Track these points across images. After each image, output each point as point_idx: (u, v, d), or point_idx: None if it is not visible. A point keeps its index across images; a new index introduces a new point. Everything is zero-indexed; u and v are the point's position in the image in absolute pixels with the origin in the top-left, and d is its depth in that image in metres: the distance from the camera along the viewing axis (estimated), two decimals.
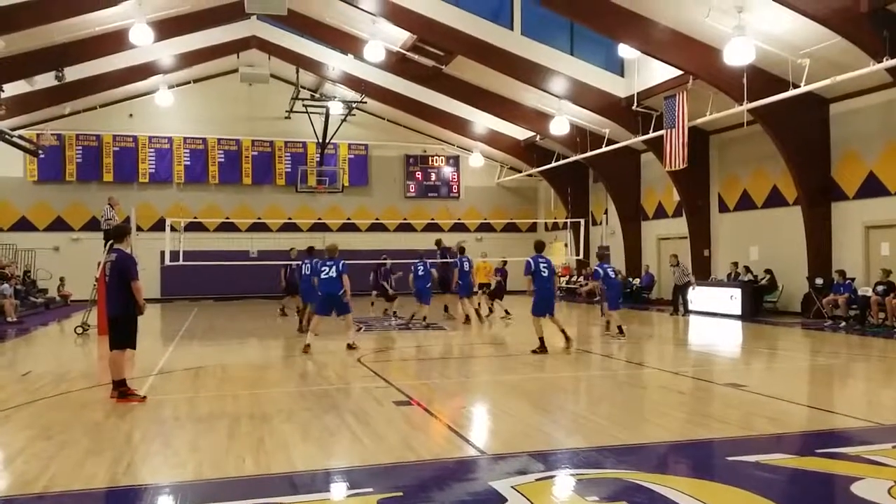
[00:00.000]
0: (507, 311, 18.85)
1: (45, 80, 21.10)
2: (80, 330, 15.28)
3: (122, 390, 7.97)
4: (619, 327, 13.87)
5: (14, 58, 18.85)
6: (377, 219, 29.61)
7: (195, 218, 25.62)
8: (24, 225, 26.56)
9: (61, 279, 25.28)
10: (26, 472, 5.34)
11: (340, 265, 11.98)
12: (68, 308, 23.10)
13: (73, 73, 21.18)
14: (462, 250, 18.13)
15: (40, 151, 24.51)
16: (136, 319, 8.25)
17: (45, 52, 19.44)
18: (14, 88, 20.60)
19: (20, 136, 23.15)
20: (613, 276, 14.37)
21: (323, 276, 12.02)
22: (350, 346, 12.07)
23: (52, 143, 25.59)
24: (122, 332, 8.14)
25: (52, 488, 4.98)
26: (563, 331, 12.09)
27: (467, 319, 17.37)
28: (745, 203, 20.58)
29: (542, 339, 11.75)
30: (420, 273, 17.22)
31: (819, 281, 17.36)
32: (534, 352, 11.63)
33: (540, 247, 12.44)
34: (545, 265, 11.91)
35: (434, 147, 31.07)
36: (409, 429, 6.74)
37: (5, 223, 26.38)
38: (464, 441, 6.42)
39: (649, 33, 16.76)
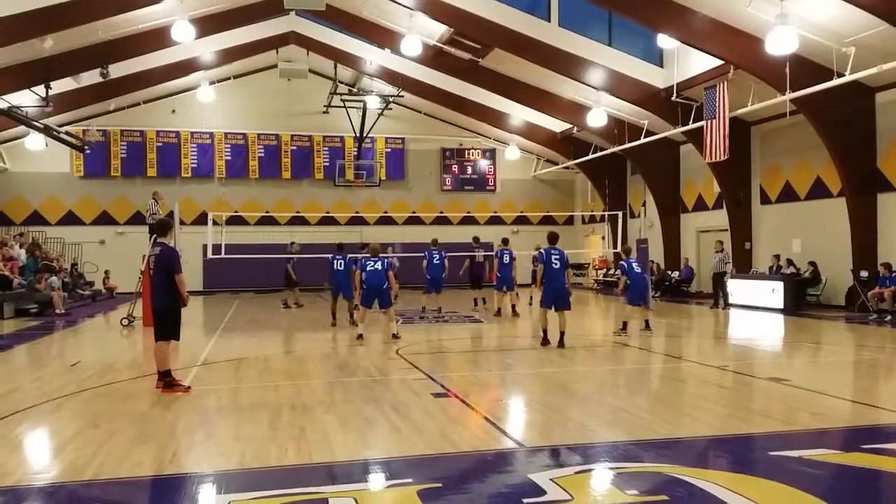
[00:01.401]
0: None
1: (91, 78, 21.58)
2: (125, 322, 15.64)
3: (167, 381, 8.15)
4: (624, 323, 13.32)
5: (61, 56, 19.35)
6: (414, 212, 29.70)
7: (236, 212, 26.00)
8: (71, 219, 27.25)
9: (107, 272, 25.88)
10: (76, 460, 5.50)
11: (386, 262, 12.76)
12: (114, 300, 23.65)
13: (118, 70, 21.65)
14: (505, 242, 18.03)
15: (86, 147, 25.11)
16: (179, 311, 8.43)
17: (90, 50, 19.90)
18: (61, 86, 21.11)
19: (67, 133, 23.76)
20: (640, 270, 13.64)
21: (369, 268, 12.60)
22: (395, 336, 12.57)
23: (97, 139, 26.19)
24: (166, 324, 8.32)
25: (101, 475, 5.13)
26: (562, 332, 11.63)
27: (498, 312, 17.35)
28: (788, 195, 20.20)
29: (545, 332, 11.78)
30: (435, 262, 17.41)
31: (864, 274, 16.98)
32: (542, 345, 11.66)
33: (553, 238, 12.05)
34: (557, 257, 11.62)
35: (470, 140, 31.05)
36: (447, 420, 6.79)
37: (53, 217, 27.09)
38: (501, 433, 6.44)
39: (689, 23, 16.50)
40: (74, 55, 19.82)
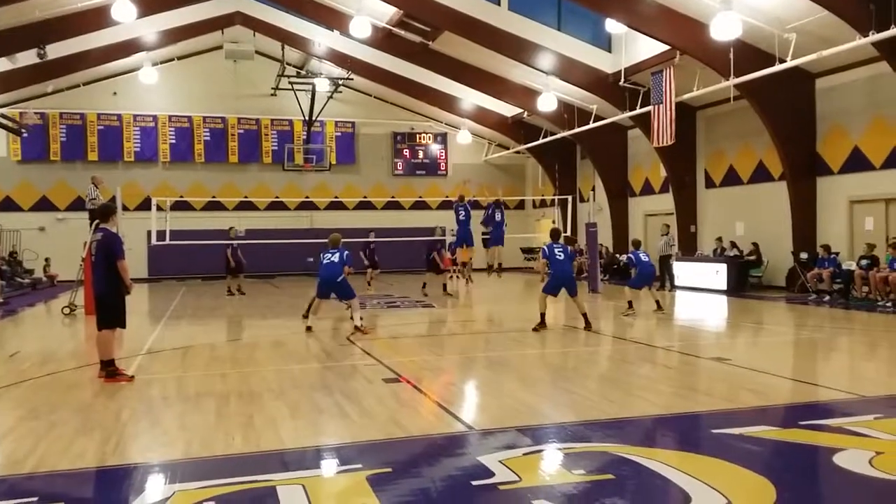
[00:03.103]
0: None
1: (27, 58, 20.76)
2: (66, 310, 15.22)
3: (110, 370, 7.95)
4: (630, 302, 14.07)
5: None
6: (365, 197, 29.54)
7: (181, 197, 25.46)
8: (8, 205, 26.31)
9: (47, 259, 25.13)
10: (15, 452, 5.34)
11: (345, 255, 12.03)
12: (55, 289, 22.98)
13: (56, 50, 20.82)
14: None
15: (24, 130, 24.21)
16: (123, 298, 8.22)
17: (26, 29, 19.11)
18: None
19: (3, 115, 22.82)
20: (646, 260, 14.59)
21: (325, 261, 11.99)
22: (358, 329, 11.72)
23: (35, 121, 25.29)
24: (110, 312, 8.11)
25: (42, 468, 4.99)
26: (584, 314, 11.75)
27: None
28: (732, 179, 20.66)
29: (543, 315, 11.62)
30: (461, 217, 17.10)
31: (804, 255, 17.50)
32: (535, 329, 11.45)
33: (555, 234, 12.23)
34: (560, 250, 11.73)
35: (422, 124, 30.93)
36: (398, 406, 6.79)
37: None
38: (452, 417, 6.46)
39: (636, 8, 16.69)
40: (9, 34, 19.02)
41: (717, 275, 18.72)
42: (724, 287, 18.33)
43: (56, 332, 13.48)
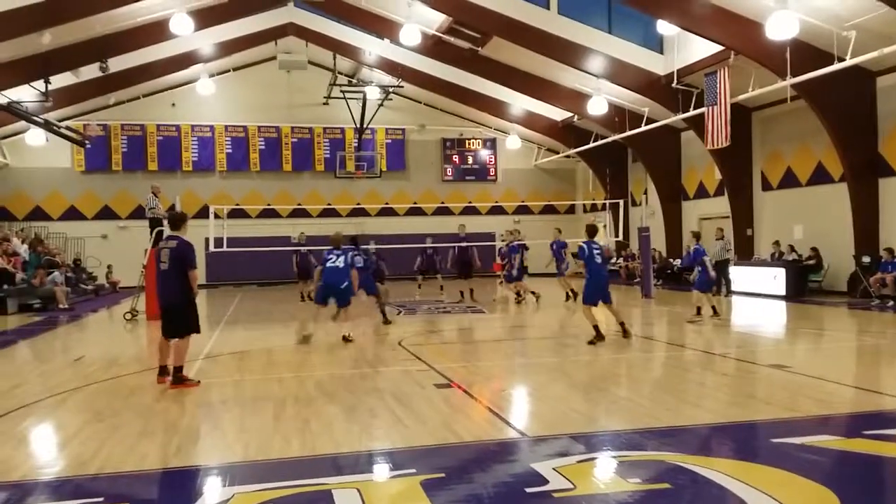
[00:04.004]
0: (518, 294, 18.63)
1: (90, 72, 21.55)
2: (128, 316, 15.69)
3: (178, 376, 8.10)
4: (698, 308, 13.41)
5: (60, 50, 19.29)
6: (415, 203, 29.71)
7: (237, 205, 25.99)
8: (73, 214, 27.26)
9: (109, 266, 25.93)
10: (82, 454, 5.53)
11: (350, 257, 11.45)
12: (117, 294, 23.70)
13: (117, 64, 21.61)
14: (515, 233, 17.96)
15: (87, 142, 25.09)
16: (195, 304, 8.36)
17: (89, 44, 19.85)
18: (60, 80, 21.08)
19: (67, 128, 23.74)
20: (707, 257, 13.77)
21: (329, 264, 11.44)
22: (346, 339, 11.38)
23: (98, 133, 26.15)
24: (188, 320, 8.25)
25: (106, 469, 5.16)
26: (621, 323, 11.07)
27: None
28: (789, 181, 20.16)
29: (596, 328, 10.76)
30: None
31: (866, 259, 16.96)
32: (590, 342, 10.62)
33: (592, 231, 11.42)
34: (598, 251, 11.09)
35: (471, 130, 30.99)
36: (450, 411, 6.81)
37: (55, 212, 27.10)
38: (504, 423, 6.46)
39: (689, 8, 16.44)
40: (73, 49, 19.77)
41: (775, 280, 18.28)
42: (783, 292, 17.89)
43: (118, 337, 13.90)
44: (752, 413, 6.66)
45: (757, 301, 17.88)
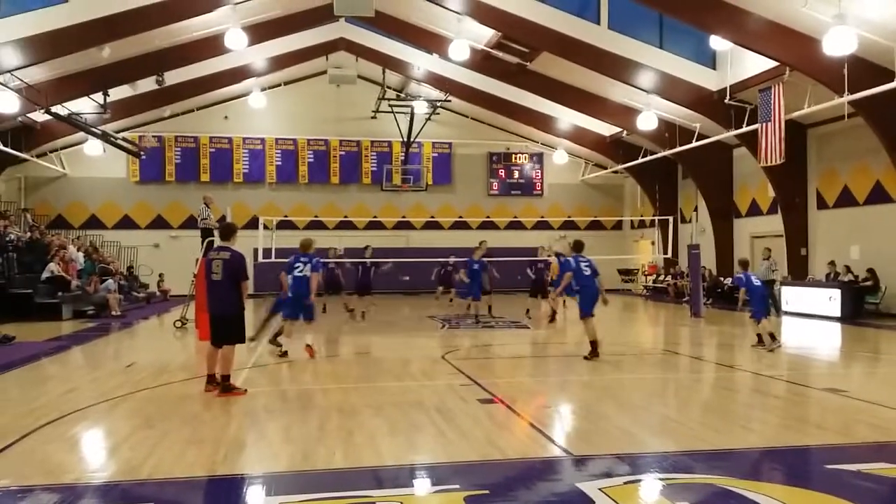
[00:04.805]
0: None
1: (147, 85, 22.26)
2: (178, 324, 15.99)
3: (226, 385, 8.22)
4: (771, 334, 12.43)
5: (118, 64, 19.91)
6: (460, 217, 29.75)
7: (286, 216, 26.35)
8: (127, 223, 27.99)
9: (161, 275, 26.49)
10: (132, 459, 5.64)
11: (314, 261, 11.02)
12: (167, 303, 24.19)
13: (172, 77, 22.28)
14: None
15: (142, 153, 25.77)
16: (244, 315, 8.50)
17: (146, 58, 20.46)
18: (118, 93, 21.78)
19: (124, 139, 24.47)
20: (758, 283, 12.94)
21: (296, 273, 11.01)
22: (309, 346, 11.21)
23: (153, 144, 26.91)
24: (237, 329, 8.37)
25: (155, 475, 5.25)
26: (592, 342, 10.97)
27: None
28: (846, 199, 19.63)
29: (594, 343, 10.82)
30: (475, 268, 17.32)
31: None
32: (586, 358, 10.71)
33: (579, 246, 11.59)
34: (586, 265, 11.16)
35: (517, 144, 30.95)
36: (494, 427, 6.76)
37: (110, 221, 27.86)
38: (548, 440, 6.39)
39: (743, 24, 16.17)
40: (131, 63, 20.38)
41: (830, 301, 17.77)
42: (838, 314, 17.37)
43: (168, 345, 14.17)
44: (804, 437, 6.47)
45: (811, 322, 17.40)
